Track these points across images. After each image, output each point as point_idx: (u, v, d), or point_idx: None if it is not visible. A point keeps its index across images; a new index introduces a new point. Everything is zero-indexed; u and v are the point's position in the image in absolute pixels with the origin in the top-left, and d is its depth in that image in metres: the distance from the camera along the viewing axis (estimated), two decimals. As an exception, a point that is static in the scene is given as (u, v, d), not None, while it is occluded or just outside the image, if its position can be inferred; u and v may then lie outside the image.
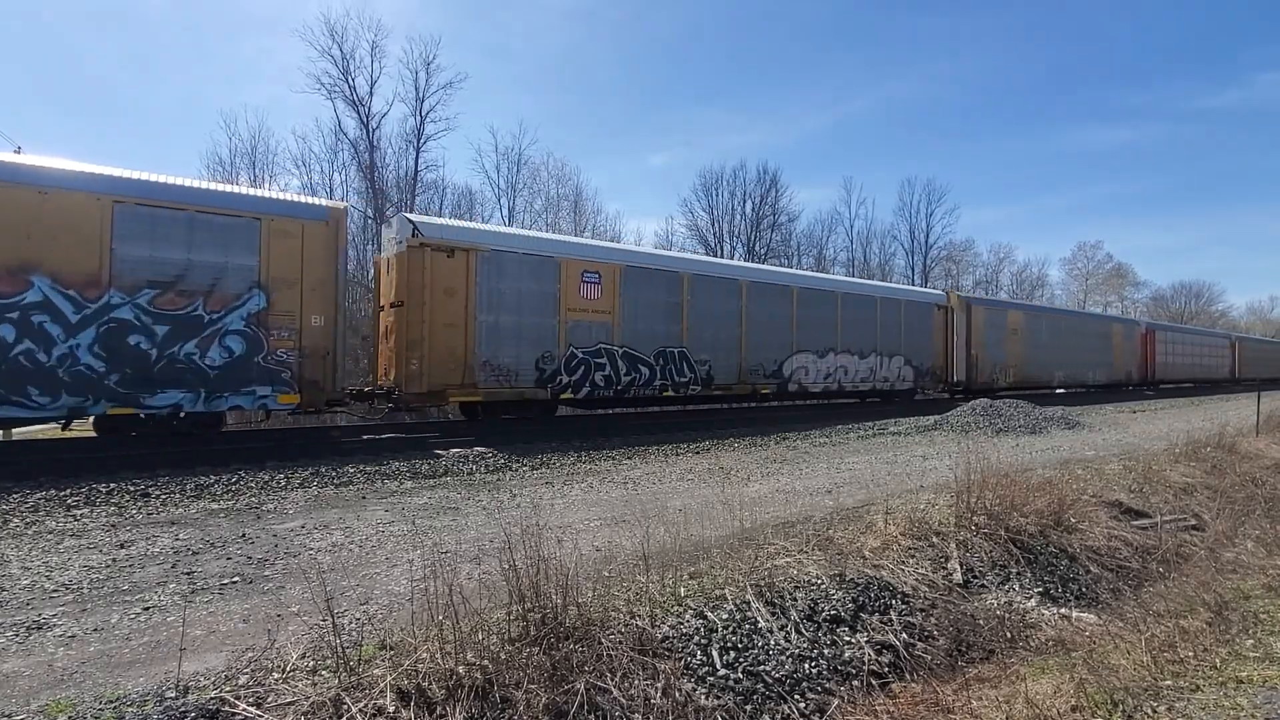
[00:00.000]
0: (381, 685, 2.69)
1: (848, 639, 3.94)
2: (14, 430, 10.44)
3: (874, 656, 3.88)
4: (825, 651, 3.80)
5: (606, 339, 13.21)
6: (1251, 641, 4.36)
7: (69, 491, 6.83)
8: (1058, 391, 26.80)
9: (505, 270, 11.98)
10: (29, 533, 5.42)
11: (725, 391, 15.42)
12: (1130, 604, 5.15)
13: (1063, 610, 4.90)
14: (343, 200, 10.06)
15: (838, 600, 4.18)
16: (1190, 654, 4.06)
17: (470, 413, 12.95)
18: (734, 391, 15.60)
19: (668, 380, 14.08)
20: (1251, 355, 45.62)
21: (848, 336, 18.05)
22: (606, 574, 4.02)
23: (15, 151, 9.45)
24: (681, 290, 14.51)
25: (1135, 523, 6.67)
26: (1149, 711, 3.42)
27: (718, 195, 43.25)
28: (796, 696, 3.48)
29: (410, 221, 11.29)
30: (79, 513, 6.13)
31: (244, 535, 5.32)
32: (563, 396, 12.71)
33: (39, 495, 6.70)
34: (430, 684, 2.76)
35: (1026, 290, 57.06)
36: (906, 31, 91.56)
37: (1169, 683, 3.71)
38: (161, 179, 9.18)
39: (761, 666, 3.53)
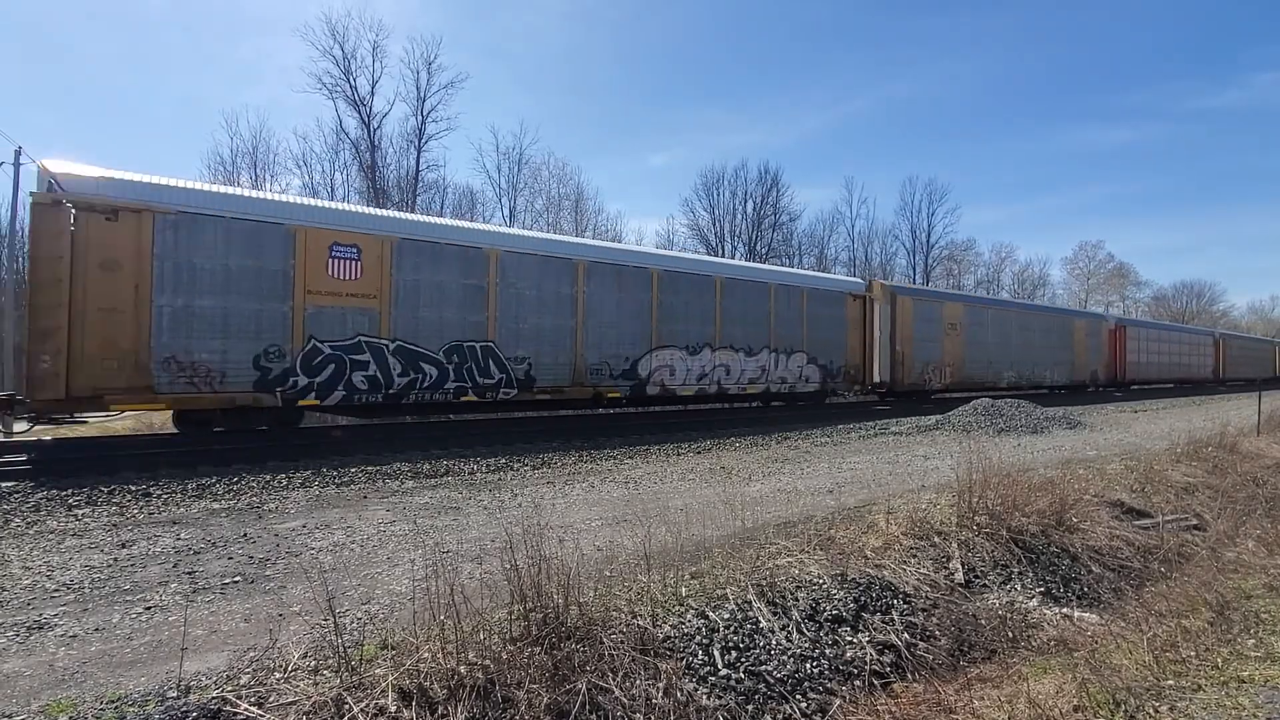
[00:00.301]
0: (383, 685, 2.69)
1: (849, 639, 3.94)
2: (14, 429, 10.20)
3: (876, 656, 3.88)
4: (827, 651, 3.80)
5: (370, 330, 10.47)
6: (1253, 641, 4.36)
7: (70, 491, 6.84)
8: (1050, 392, 26.43)
9: (203, 239, 9.17)
10: (30, 532, 5.43)
11: (555, 396, 12.58)
12: (1132, 604, 5.15)
13: (1065, 610, 4.89)
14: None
15: (839, 600, 4.18)
16: (1192, 653, 4.05)
17: (204, 425, 9.94)
18: (567, 395, 12.72)
19: (466, 382, 11.39)
20: (1238, 354, 43.43)
21: (731, 330, 15.14)
22: (608, 574, 4.01)
23: (16, 152, 9.33)
24: (487, 271, 11.63)
25: (1137, 522, 6.66)
26: (1151, 711, 3.41)
27: (719, 195, 43.34)
28: (798, 696, 3.47)
29: (48, 172, 8.39)
30: (80, 512, 6.14)
31: (245, 535, 5.33)
32: (303, 403, 10.10)
33: (40, 495, 6.71)
34: (432, 684, 2.76)
35: (1028, 289, 57.08)
36: (906, 31, 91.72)
37: (1171, 682, 3.71)
38: None
39: (763, 666, 3.53)
